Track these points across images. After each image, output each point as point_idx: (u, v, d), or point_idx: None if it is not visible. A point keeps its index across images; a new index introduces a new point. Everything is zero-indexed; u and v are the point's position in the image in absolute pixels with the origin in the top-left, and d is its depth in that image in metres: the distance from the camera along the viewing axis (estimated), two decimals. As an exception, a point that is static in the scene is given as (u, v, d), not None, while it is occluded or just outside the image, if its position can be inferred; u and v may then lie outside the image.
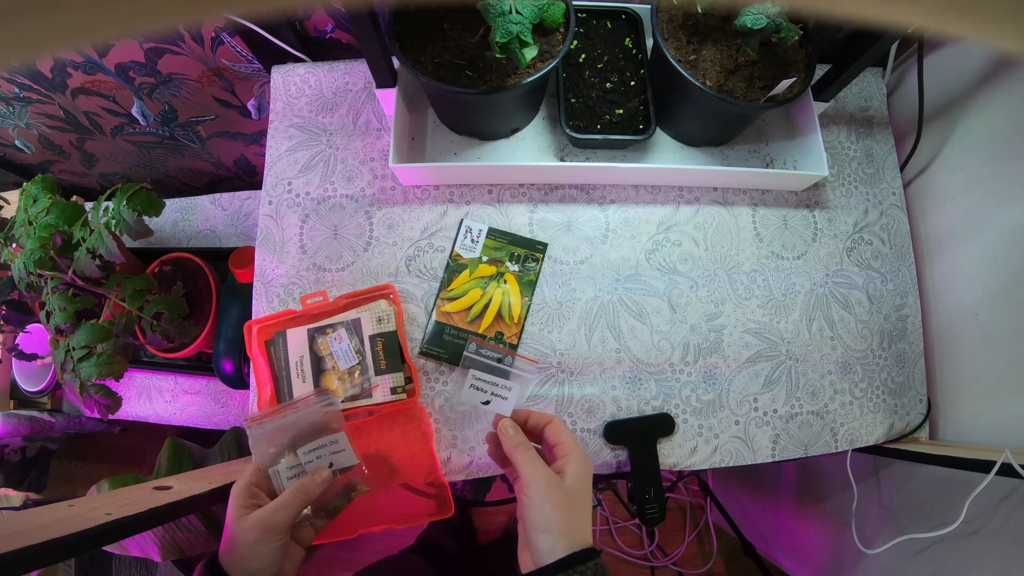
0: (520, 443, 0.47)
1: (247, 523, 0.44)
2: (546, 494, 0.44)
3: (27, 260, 0.61)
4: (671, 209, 0.66)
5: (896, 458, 0.67)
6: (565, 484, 0.45)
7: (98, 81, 0.76)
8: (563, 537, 0.43)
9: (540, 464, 0.46)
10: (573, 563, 0.42)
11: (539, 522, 0.44)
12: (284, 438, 0.51)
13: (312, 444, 0.50)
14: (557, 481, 0.45)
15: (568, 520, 0.44)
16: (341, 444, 0.51)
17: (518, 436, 0.48)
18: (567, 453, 0.47)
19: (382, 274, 0.63)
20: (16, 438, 0.93)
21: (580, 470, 0.46)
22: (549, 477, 0.45)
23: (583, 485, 0.46)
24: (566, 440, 0.48)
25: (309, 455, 0.50)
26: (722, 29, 0.57)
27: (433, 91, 0.58)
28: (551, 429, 0.49)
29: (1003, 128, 0.60)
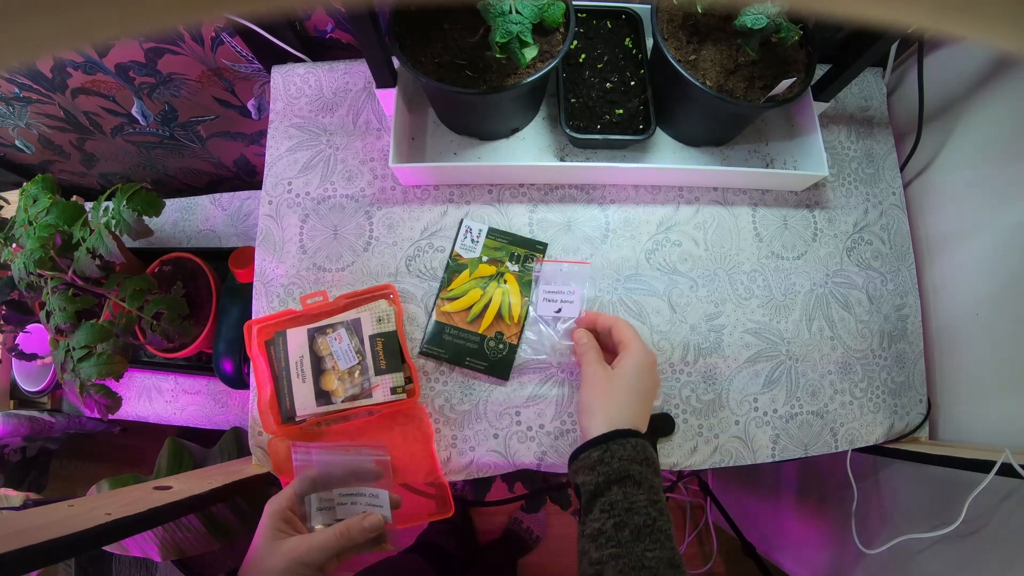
0: (587, 348, 0.54)
1: (280, 549, 0.44)
2: (592, 383, 0.51)
3: (27, 260, 0.61)
4: (671, 209, 0.66)
5: (896, 458, 0.67)
6: (613, 374, 0.51)
7: (98, 81, 0.76)
8: (604, 418, 0.48)
9: (595, 361, 0.52)
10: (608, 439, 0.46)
11: (584, 406, 0.50)
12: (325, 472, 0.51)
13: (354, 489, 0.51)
14: (605, 372, 0.51)
15: (608, 403, 0.49)
16: (381, 500, 0.51)
17: (589, 343, 0.55)
18: (625, 348, 0.52)
19: (382, 274, 0.63)
20: (16, 438, 0.93)
21: (630, 363, 0.51)
22: (598, 370, 0.51)
23: (632, 375, 0.50)
24: (626, 337, 0.53)
25: (345, 498, 0.50)
26: (722, 29, 0.57)
27: (433, 91, 0.58)
28: (615, 330, 0.54)
29: (1003, 128, 0.60)
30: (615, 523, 0.43)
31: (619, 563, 0.41)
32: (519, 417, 0.60)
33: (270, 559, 0.43)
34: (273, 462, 0.57)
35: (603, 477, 0.45)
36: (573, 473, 0.49)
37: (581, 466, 0.47)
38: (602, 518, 0.44)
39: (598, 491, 0.45)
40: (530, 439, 0.60)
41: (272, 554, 0.44)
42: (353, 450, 0.53)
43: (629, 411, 0.49)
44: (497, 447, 0.60)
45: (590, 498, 0.45)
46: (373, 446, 0.55)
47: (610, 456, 0.46)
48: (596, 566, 0.42)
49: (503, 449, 0.60)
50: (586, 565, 0.43)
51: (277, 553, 0.44)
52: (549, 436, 0.60)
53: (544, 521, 1.34)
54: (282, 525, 0.46)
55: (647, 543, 0.42)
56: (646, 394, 0.51)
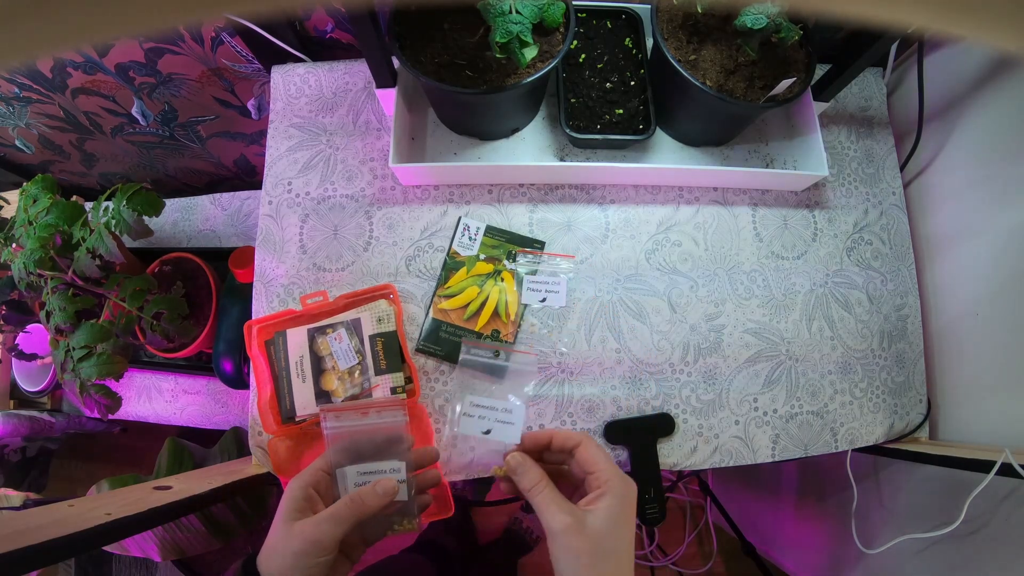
0: (534, 483, 0.41)
1: (292, 529, 0.40)
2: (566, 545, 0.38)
3: (27, 260, 0.61)
4: (671, 209, 0.66)
5: (896, 458, 0.67)
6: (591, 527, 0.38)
7: (98, 81, 0.76)
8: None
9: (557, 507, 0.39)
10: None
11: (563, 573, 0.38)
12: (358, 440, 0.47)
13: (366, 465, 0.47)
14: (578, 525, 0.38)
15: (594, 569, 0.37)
16: (397, 471, 0.47)
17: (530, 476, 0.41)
18: (601, 484, 0.40)
19: (382, 274, 0.63)
20: (16, 438, 0.93)
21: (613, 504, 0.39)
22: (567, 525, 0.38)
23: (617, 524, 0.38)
24: (600, 467, 0.40)
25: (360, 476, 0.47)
26: (722, 29, 0.57)
27: (433, 91, 0.58)
28: (581, 453, 0.42)
29: (1003, 128, 0.60)
30: None
31: None
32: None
33: (284, 542, 0.40)
34: (273, 462, 0.57)
35: None
36: None
37: None
38: None
39: None
40: (530, 439, 0.60)
41: (287, 536, 0.40)
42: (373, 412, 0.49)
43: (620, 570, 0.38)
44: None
45: None
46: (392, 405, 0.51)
47: None
48: None
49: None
50: None
51: (291, 534, 0.40)
52: (549, 436, 0.60)
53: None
54: (302, 505, 0.42)
55: None
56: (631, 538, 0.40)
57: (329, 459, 0.46)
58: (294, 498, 0.43)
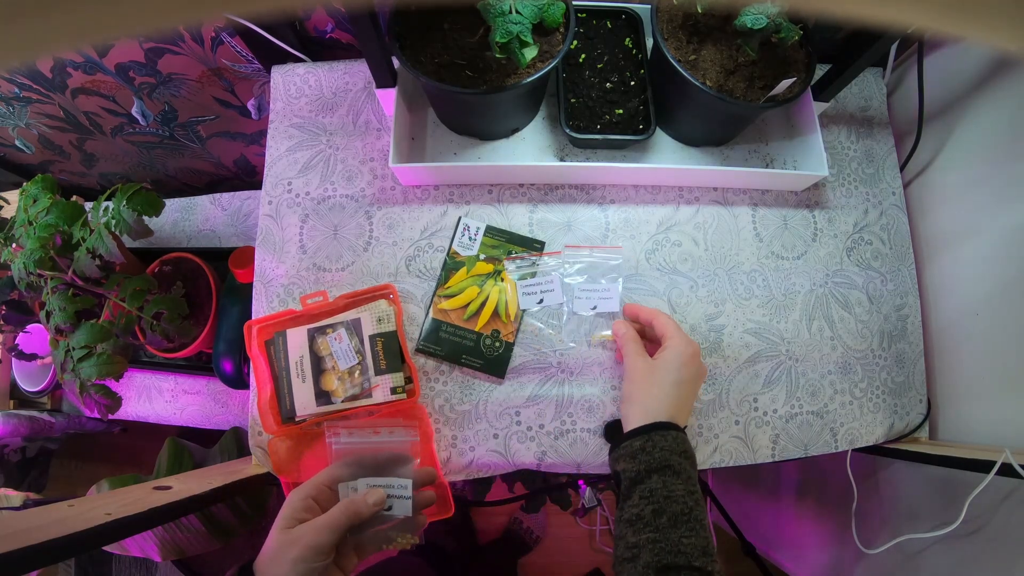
0: (627, 340, 0.56)
1: (289, 536, 0.43)
2: (633, 373, 0.53)
3: (27, 260, 0.61)
4: (671, 209, 0.66)
5: (896, 458, 0.67)
6: (654, 365, 0.52)
7: (98, 81, 0.76)
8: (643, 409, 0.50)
9: (635, 353, 0.54)
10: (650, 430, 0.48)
11: (626, 396, 0.53)
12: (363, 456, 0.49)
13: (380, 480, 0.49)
14: (646, 364, 0.53)
15: (648, 395, 0.51)
16: (407, 492, 0.50)
17: (629, 333, 0.56)
18: (666, 341, 0.53)
19: (382, 274, 0.63)
20: (16, 438, 0.93)
21: (671, 355, 0.52)
22: (638, 361, 0.53)
23: (673, 367, 0.51)
24: (668, 331, 0.54)
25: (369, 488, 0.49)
26: (722, 29, 0.57)
27: (433, 91, 0.58)
28: (656, 323, 0.55)
29: (1003, 128, 0.60)
30: (654, 509, 0.45)
31: (656, 547, 0.43)
32: (519, 417, 0.60)
33: (282, 549, 0.42)
34: (273, 462, 0.57)
35: (644, 465, 0.47)
36: (614, 461, 0.51)
37: (622, 454, 0.49)
38: (641, 504, 0.45)
39: (638, 478, 0.47)
40: (530, 439, 0.60)
41: (283, 543, 0.42)
42: (385, 430, 0.51)
43: (668, 403, 0.51)
44: (497, 447, 0.60)
45: (630, 485, 0.47)
46: (405, 425, 0.54)
47: (651, 446, 0.47)
48: (633, 549, 0.44)
49: (503, 449, 0.60)
50: (623, 548, 0.45)
51: (288, 541, 0.42)
52: (549, 436, 0.60)
53: (544, 521, 1.34)
54: (300, 514, 0.44)
55: (683, 530, 0.44)
56: (687, 385, 0.52)
57: (332, 474, 0.48)
58: (293, 507, 0.45)
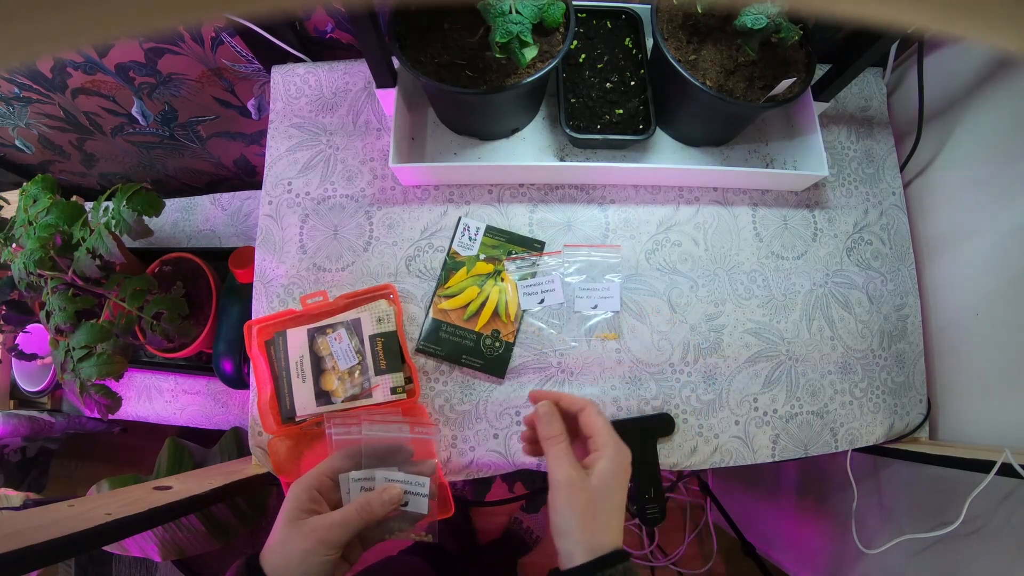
0: (552, 435, 0.45)
1: (302, 529, 0.42)
2: (567, 497, 0.42)
3: (27, 260, 0.61)
4: (671, 209, 0.66)
5: (896, 458, 0.67)
6: (590, 484, 0.42)
7: (98, 81, 0.76)
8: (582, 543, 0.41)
9: (565, 462, 0.43)
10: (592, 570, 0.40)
11: (558, 526, 0.42)
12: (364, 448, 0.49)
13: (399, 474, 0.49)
14: (580, 482, 0.42)
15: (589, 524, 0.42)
16: (424, 489, 0.49)
17: (552, 427, 0.45)
18: (598, 447, 0.44)
19: (382, 274, 0.63)
20: (16, 438, 0.93)
21: (609, 467, 0.43)
22: (571, 478, 0.42)
23: (611, 483, 0.43)
24: (598, 431, 0.45)
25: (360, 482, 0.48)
26: (722, 29, 0.57)
27: (433, 91, 0.58)
28: (584, 418, 0.46)
29: (1003, 128, 0.60)
30: None
31: None
32: (519, 417, 0.60)
33: (291, 541, 0.41)
34: (273, 462, 0.57)
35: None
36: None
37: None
38: None
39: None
40: (530, 439, 0.60)
41: (293, 535, 0.41)
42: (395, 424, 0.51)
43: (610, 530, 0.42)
44: (497, 447, 0.60)
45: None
46: (423, 423, 0.54)
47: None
48: None
49: (503, 449, 0.60)
50: None
51: (298, 534, 0.41)
52: (549, 436, 0.60)
53: (544, 521, 1.34)
54: (307, 505, 0.44)
55: None
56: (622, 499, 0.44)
57: (333, 464, 0.48)
58: (298, 500, 0.44)
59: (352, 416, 0.54)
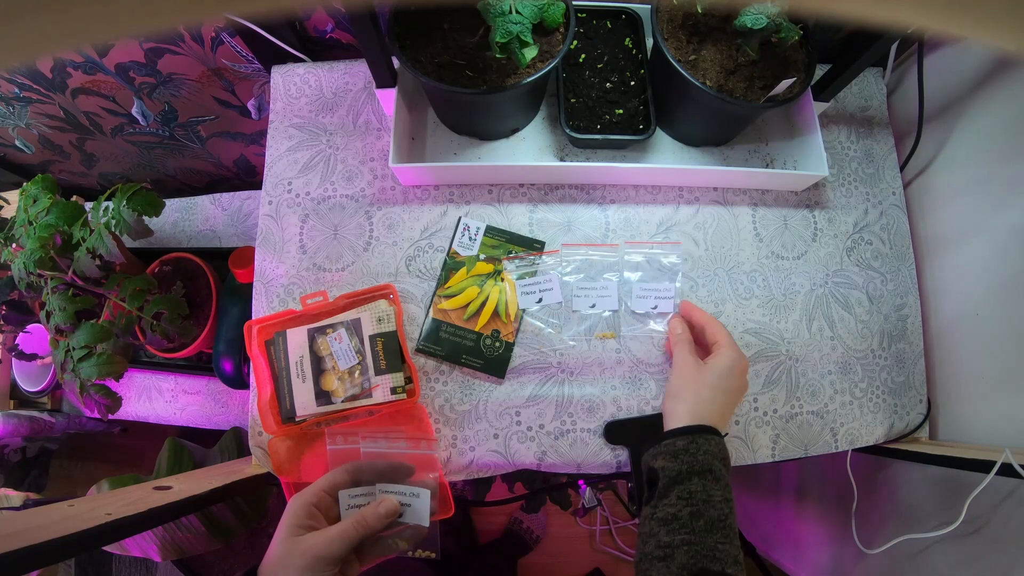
0: (680, 338, 0.56)
1: (299, 546, 0.42)
2: (683, 370, 0.53)
3: (27, 260, 0.61)
4: (671, 209, 0.66)
5: (896, 458, 0.67)
6: (705, 367, 0.53)
7: (98, 81, 0.76)
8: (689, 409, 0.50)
9: (688, 352, 0.55)
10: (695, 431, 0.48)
11: (672, 388, 0.53)
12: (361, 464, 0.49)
13: (394, 486, 0.48)
14: (696, 364, 0.53)
15: (696, 396, 0.51)
16: (424, 501, 0.49)
17: (683, 332, 0.57)
18: (718, 349, 0.54)
19: (382, 274, 0.63)
20: (16, 438, 0.93)
21: (722, 362, 0.52)
22: (689, 360, 0.54)
23: (723, 374, 0.52)
24: (720, 338, 0.54)
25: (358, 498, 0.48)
26: (722, 29, 0.57)
27: (433, 91, 0.58)
28: (709, 329, 0.56)
29: (1003, 128, 0.60)
30: (691, 512, 0.44)
31: (691, 550, 0.43)
32: (519, 417, 0.60)
33: (289, 557, 0.42)
34: (273, 462, 0.57)
35: (686, 466, 0.47)
36: (652, 456, 0.50)
37: (663, 451, 0.49)
38: (679, 504, 0.45)
39: (679, 478, 0.47)
40: (530, 439, 0.60)
41: (291, 552, 0.42)
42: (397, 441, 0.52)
43: (713, 408, 0.51)
44: (497, 447, 0.60)
45: (669, 484, 0.47)
46: (422, 437, 0.55)
47: (695, 448, 0.47)
48: (666, 548, 0.44)
49: (503, 449, 0.60)
50: (653, 546, 0.45)
51: (296, 551, 0.42)
52: (549, 436, 0.60)
53: (544, 521, 1.34)
54: (305, 521, 0.44)
55: (719, 536, 0.44)
56: (732, 394, 0.53)
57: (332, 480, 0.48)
58: (296, 515, 0.44)
59: (352, 430, 0.55)
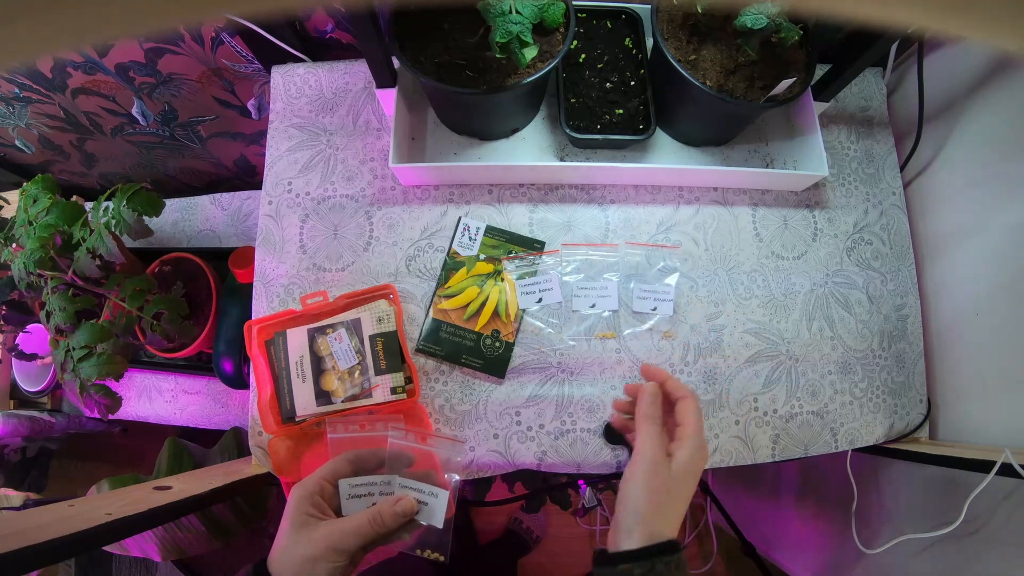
0: (649, 416, 0.47)
1: (312, 534, 0.42)
2: (647, 474, 0.44)
3: (27, 260, 0.61)
4: (671, 209, 0.66)
5: (896, 458, 0.67)
6: (670, 469, 0.44)
7: (98, 81, 0.76)
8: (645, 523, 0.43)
9: (655, 443, 0.45)
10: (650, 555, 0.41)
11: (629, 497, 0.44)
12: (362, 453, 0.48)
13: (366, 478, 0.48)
14: (663, 465, 0.44)
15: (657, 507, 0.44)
16: (392, 487, 0.48)
17: (652, 408, 0.47)
18: (684, 438, 0.45)
19: (382, 274, 0.63)
20: (16, 438, 0.93)
21: (688, 461, 0.45)
22: (656, 459, 0.44)
23: (687, 477, 0.45)
24: (689, 423, 0.46)
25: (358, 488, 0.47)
26: (722, 29, 0.57)
27: (433, 91, 0.58)
28: (681, 407, 0.47)
29: (1003, 128, 0.60)
30: None
31: None
32: (519, 417, 0.60)
33: (300, 547, 0.41)
34: (273, 462, 0.57)
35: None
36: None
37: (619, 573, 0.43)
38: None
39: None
40: (530, 439, 0.60)
41: (301, 541, 0.41)
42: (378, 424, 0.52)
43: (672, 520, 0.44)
44: (497, 447, 0.60)
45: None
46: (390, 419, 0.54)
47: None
48: None
49: (503, 449, 0.60)
50: None
51: (308, 540, 0.41)
52: (549, 436, 0.60)
53: (544, 521, 1.34)
54: (311, 510, 0.44)
55: None
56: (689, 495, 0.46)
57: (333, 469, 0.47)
58: (302, 504, 0.44)
59: (351, 419, 0.54)
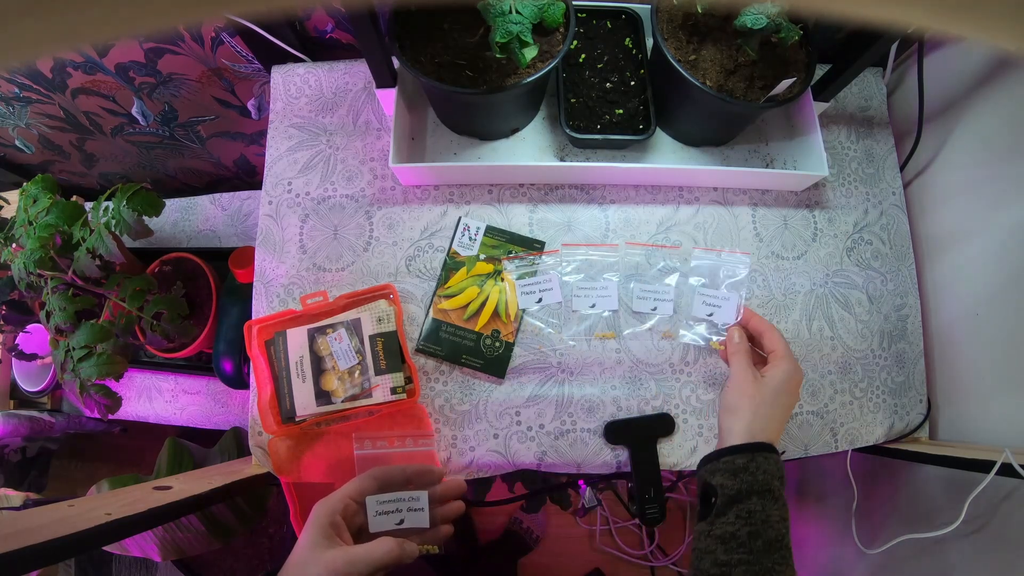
0: (738, 349, 0.55)
1: (322, 558, 0.42)
2: (741, 384, 0.52)
3: (27, 260, 0.61)
4: (671, 209, 0.66)
5: (896, 458, 0.67)
6: (762, 382, 0.52)
7: (98, 81, 0.76)
8: (744, 426, 0.49)
9: (746, 364, 0.53)
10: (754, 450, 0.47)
11: (729, 403, 0.52)
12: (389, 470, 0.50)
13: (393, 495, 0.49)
14: (755, 378, 0.52)
15: (754, 412, 0.50)
16: (420, 503, 0.49)
17: (741, 343, 0.56)
18: (775, 360, 0.53)
19: (382, 274, 0.63)
20: (16, 438, 0.93)
21: (780, 375, 0.52)
22: (747, 373, 0.52)
23: (779, 389, 0.51)
24: (778, 348, 0.53)
25: (385, 504, 0.48)
26: (722, 29, 0.57)
27: (433, 91, 0.58)
28: (767, 338, 0.55)
29: (1003, 128, 0.60)
30: (750, 532, 0.44)
31: (749, 569, 0.43)
32: (519, 417, 0.60)
33: (311, 567, 0.42)
34: (273, 462, 0.57)
35: (745, 485, 0.46)
36: (709, 473, 0.49)
37: (722, 468, 0.48)
38: (737, 523, 0.45)
39: (738, 497, 0.46)
40: (530, 439, 0.60)
41: (313, 563, 0.42)
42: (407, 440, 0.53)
43: (770, 424, 0.50)
44: (497, 447, 0.60)
45: (727, 502, 0.46)
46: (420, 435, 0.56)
47: (755, 467, 0.47)
48: (723, 567, 0.44)
49: (503, 449, 0.60)
50: (709, 564, 0.45)
51: (318, 563, 0.42)
52: (549, 436, 0.60)
53: (544, 521, 1.34)
54: (329, 531, 0.44)
55: (776, 557, 0.44)
56: (786, 409, 0.52)
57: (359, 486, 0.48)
58: (321, 524, 0.44)
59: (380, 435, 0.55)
